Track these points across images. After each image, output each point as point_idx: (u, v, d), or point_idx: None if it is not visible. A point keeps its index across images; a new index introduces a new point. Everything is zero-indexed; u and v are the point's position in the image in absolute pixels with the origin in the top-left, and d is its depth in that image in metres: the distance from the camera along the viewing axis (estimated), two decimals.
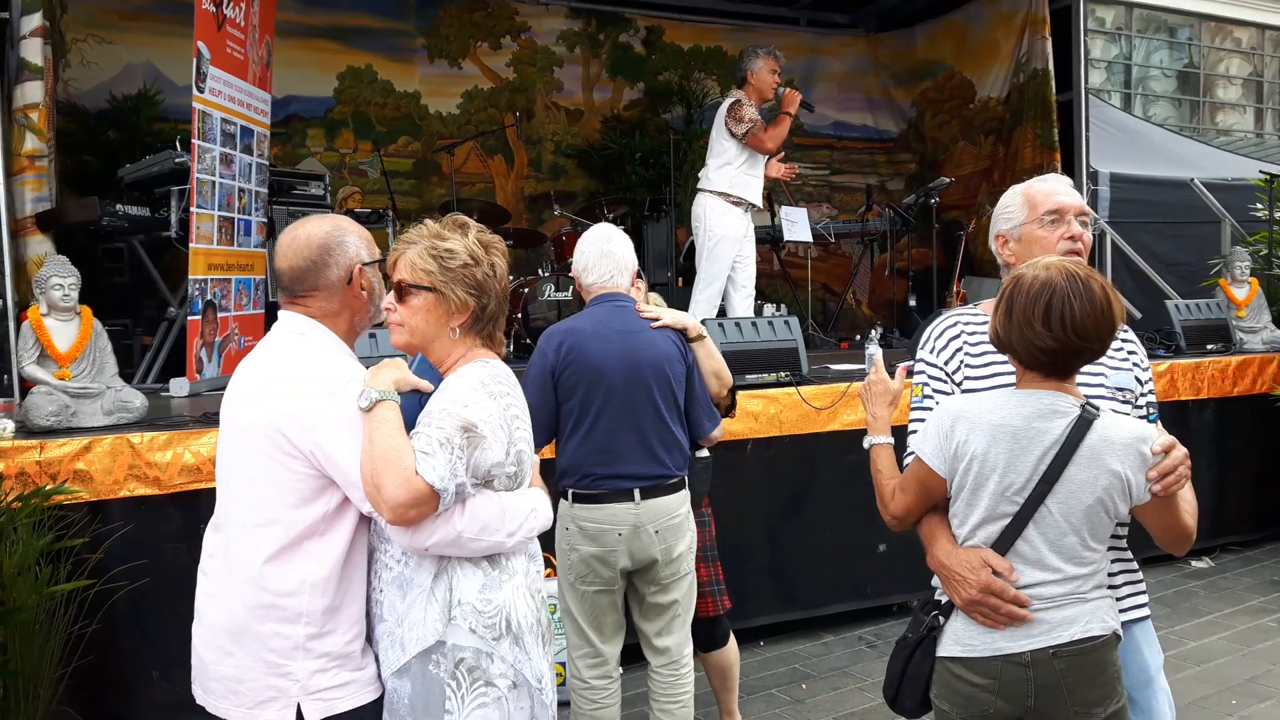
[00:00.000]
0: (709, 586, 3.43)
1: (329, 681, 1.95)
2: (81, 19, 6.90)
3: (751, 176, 6.02)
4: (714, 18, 9.43)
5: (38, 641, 3.22)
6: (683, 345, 3.16)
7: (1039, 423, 1.98)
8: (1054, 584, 2.01)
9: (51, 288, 3.80)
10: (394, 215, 7.16)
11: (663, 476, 3.05)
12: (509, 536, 1.96)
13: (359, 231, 2.16)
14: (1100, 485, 1.97)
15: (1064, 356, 1.98)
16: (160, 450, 3.61)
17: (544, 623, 2.05)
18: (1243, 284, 6.64)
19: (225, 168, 5.17)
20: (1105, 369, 2.21)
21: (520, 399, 2.07)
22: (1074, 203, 2.31)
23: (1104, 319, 1.96)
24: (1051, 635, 1.99)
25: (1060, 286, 1.94)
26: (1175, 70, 15.82)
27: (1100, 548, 2.03)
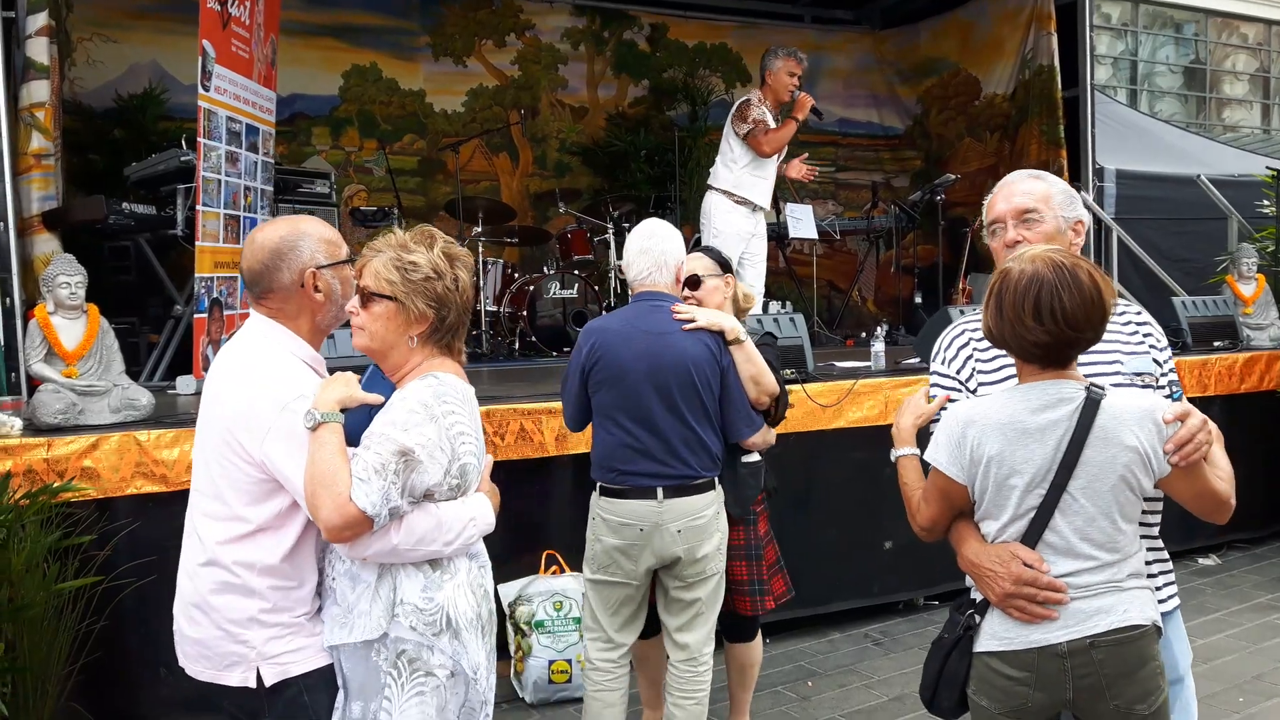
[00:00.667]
0: (748, 585, 3.36)
1: (284, 647, 2.10)
2: (87, 18, 6.91)
3: (757, 177, 5.99)
4: (719, 14, 9.42)
5: (46, 638, 3.23)
6: (717, 348, 3.11)
7: (1047, 413, 1.98)
8: (1087, 572, 1.99)
9: (58, 286, 3.80)
10: (399, 213, 7.17)
11: (687, 477, 3.07)
12: (446, 545, 2.06)
13: (319, 235, 2.22)
14: (1120, 463, 1.96)
15: (1058, 348, 1.98)
16: (167, 448, 3.62)
17: (485, 616, 2.16)
18: (1250, 280, 6.62)
19: (231, 166, 5.18)
20: (1121, 355, 2.20)
21: (468, 412, 2.13)
22: (1010, 207, 2.26)
23: (1094, 307, 1.95)
24: (1088, 624, 1.97)
25: (1048, 279, 1.94)
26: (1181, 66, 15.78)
27: (1130, 529, 2.01)
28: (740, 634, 3.50)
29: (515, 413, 4.18)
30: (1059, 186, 2.29)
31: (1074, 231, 2.28)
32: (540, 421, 4.20)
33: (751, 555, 3.36)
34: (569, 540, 4.07)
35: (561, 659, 4.10)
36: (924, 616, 5.03)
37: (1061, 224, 2.25)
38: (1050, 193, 2.27)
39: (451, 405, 2.07)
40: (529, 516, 4.31)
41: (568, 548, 4.19)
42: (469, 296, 2.18)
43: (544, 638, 4.11)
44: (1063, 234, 2.25)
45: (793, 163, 6.24)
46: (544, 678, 4.10)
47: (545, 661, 4.10)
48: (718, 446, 3.15)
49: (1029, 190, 2.27)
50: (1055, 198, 2.26)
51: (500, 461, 4.13)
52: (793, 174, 6.26)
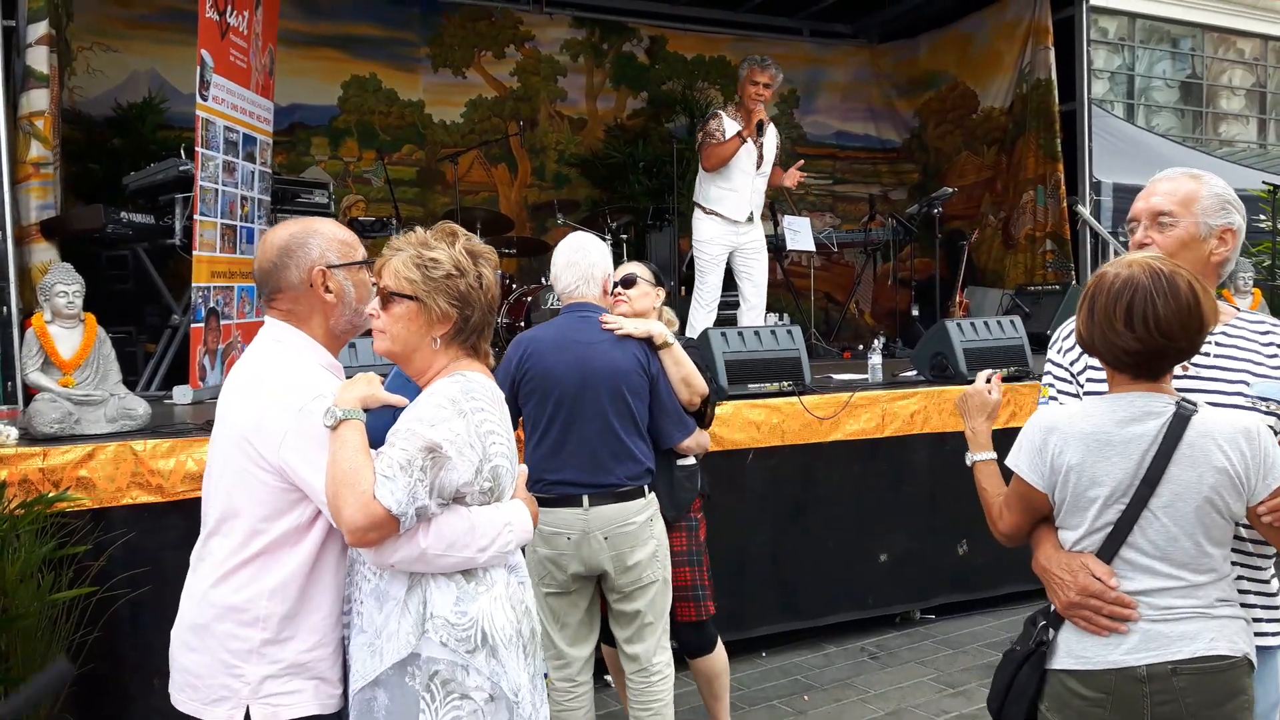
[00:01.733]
0: (691, 591, 3.39)
1: (278, 688, 1.97)
2: (87, 27, 6.92)
3: (725, 190, 6.00)
4: (717, 28, 9.45)
5: (39, 649, 3.22)
6: (646, 356, 3.18)
7: (1133, 426, 1.92)
8: (1170, 593, 1.92)
9: (56, 295, 3.81)
10: (398, 224, 7.18)
11: (612, 485, 3.10)
12: (480, 552, 1.93)
13: (332, 234, 2.13)
14: (1206, 484, 1.89)
15: (1149, 357, 1.91)
16: (163, 458, 3.61)
17: (526, 634, 2.01)
18: (1246, 294, 6.64)
19: (228, 175, 5.18)
20: (1250, 375, 2.08)
21: (499, 413, 2.02)
22: (1146, 206, 2.18)
23: (1190, 316, 1.88)
24: (1170, 650, 1.90)
25: (1143, 284, 1.88)
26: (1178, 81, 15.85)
27: (1218, 552, 1.94)
28: (696, 648, 3.47)
29: None
30: (1211, 190, 2.15)
31: (1219, 240, 2.13)
32: None
33: (694, 561, 3.41)
34: None
35: None
36: (920, 630, 5.01)
37: (1202, 230, 2.12)
38: (1197, 195, 2.14)
39: (480, 403, 1.96)
40: None
41: None
42: (494, 295, 2.06)
43: None
44: (1203, 241, 2.12)
45: (791, 170, 6.22)
46: None
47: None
48: (647, 455, 3.18)
49: (1170, 191, 2.16)
50: (1202, 201, 2.13)
51: None
52: (787, 182, 6.24)
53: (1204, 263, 2.12)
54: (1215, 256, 2.13)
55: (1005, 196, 8.33)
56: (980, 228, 8.46)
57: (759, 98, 5.92)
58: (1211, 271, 2.15)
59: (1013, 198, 8.22)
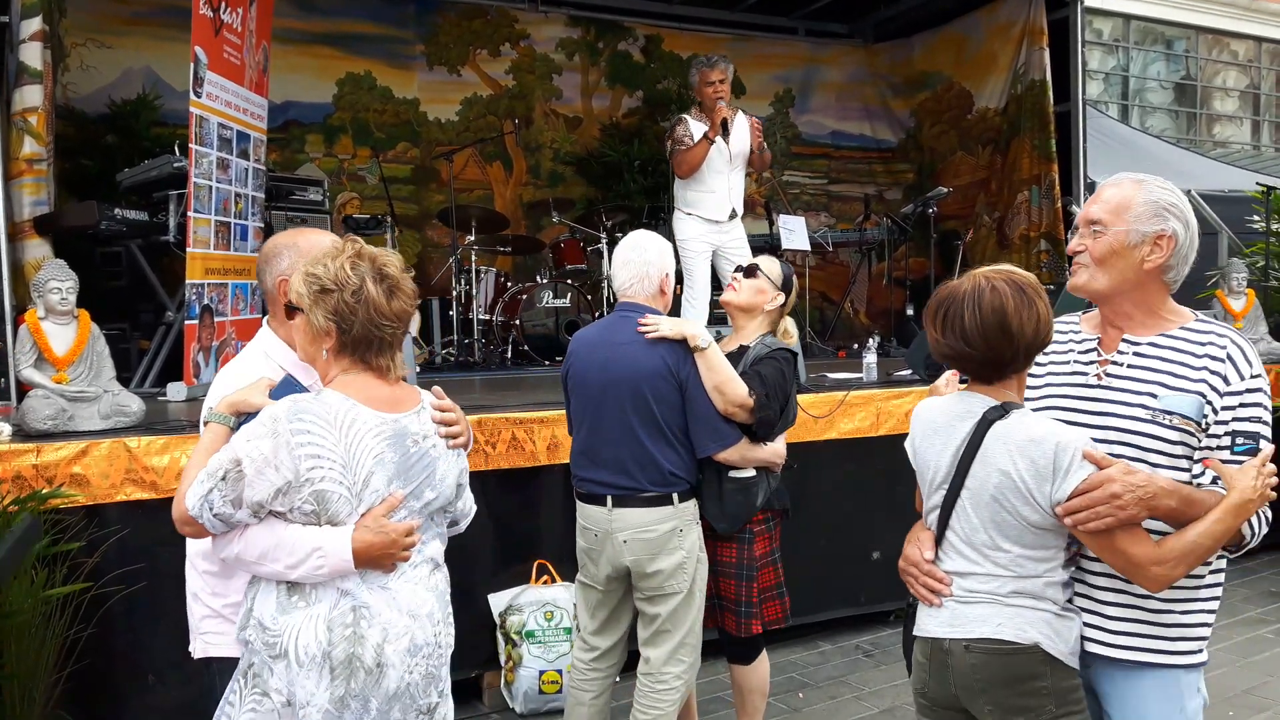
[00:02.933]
0: (734, 604, 3.23)
1: (212, 627, 2.29)
2: (80, 24, 6.90)
3: (700, 192, 5.98)
4: (713, 27, 9.45)
5: (33, 646, 3.21)
6: (675, 360, 3.06)
7: (956, 422, 2.11)
8: (973, 577, 2.08)
9: (49, 291, 3.79)
10: (392, 221, 7.17)
11: (634, 490, 3.06)
12: (289, 569, 1.98)
13: (308, 247, 2.21)
14: (992, 484, 2.03)
15: (966, 362, 2.08)
16: (157, 454, 3.60)
17: (340, 658, 1.97)
18: (1239, 295, 6.65)
19: (222, 172, 5.17)
20: (1161, 388, 2.07)
21: (333, 438, 1.97)
22: (1084, 214, 2.19)
23: (989, 328, 2.01)
24: (966, 628, 2.08)
25: (959, 295, 2.05)
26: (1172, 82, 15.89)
27: (1015, 549, 2.04)
28: (737, 655, 3.40)
29: (507, 422, 4.18)
30: (1148, 196, 2.11)
31: (1153, 246, 2.08)
32: (532, 431, 4.20)
33: (743, 575, 3.23)
34: (560, 550, 4.06)
35: (552, 669, 4.09)
36: None
37: (1132, 237, 2.08)
38: (1130, 203, 2.11)
39: (307, 425, 1.95)
40: (520, 526, 4.30)
41: (559, 557, 4.19)
42: (380, 309, 2.02)
43: (534, 648, 4.10)
44: (1133, 248, 2.09)
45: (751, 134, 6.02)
46: (534, 688, 4.09)
47: (536, 671, 4.09)
48: (676, 462, 3.09)
49: (1107, 199, 2.14)
50: (1135, 208, 2.10)
51: (491, 471, 4.15)
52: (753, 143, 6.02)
53: (1135, 268, 2.10)
54: (1148, 264, 2.09)
55: (1000, 197, 8.35)
56: (975, 228, 8.48)
57: (718, 95, 5.88)
58: (1148, 277, 2.11)
59: (1007, 198, 8.24)
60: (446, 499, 2.17)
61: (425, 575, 2.13)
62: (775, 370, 3.17)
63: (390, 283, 2.05)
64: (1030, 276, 2.11)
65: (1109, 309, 2.18)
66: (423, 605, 2.09)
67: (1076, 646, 2.08)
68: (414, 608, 2.07)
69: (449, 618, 2.18)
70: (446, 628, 2.16)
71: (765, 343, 3.25)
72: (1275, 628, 5.07)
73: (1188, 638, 2.09)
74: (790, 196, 9.55)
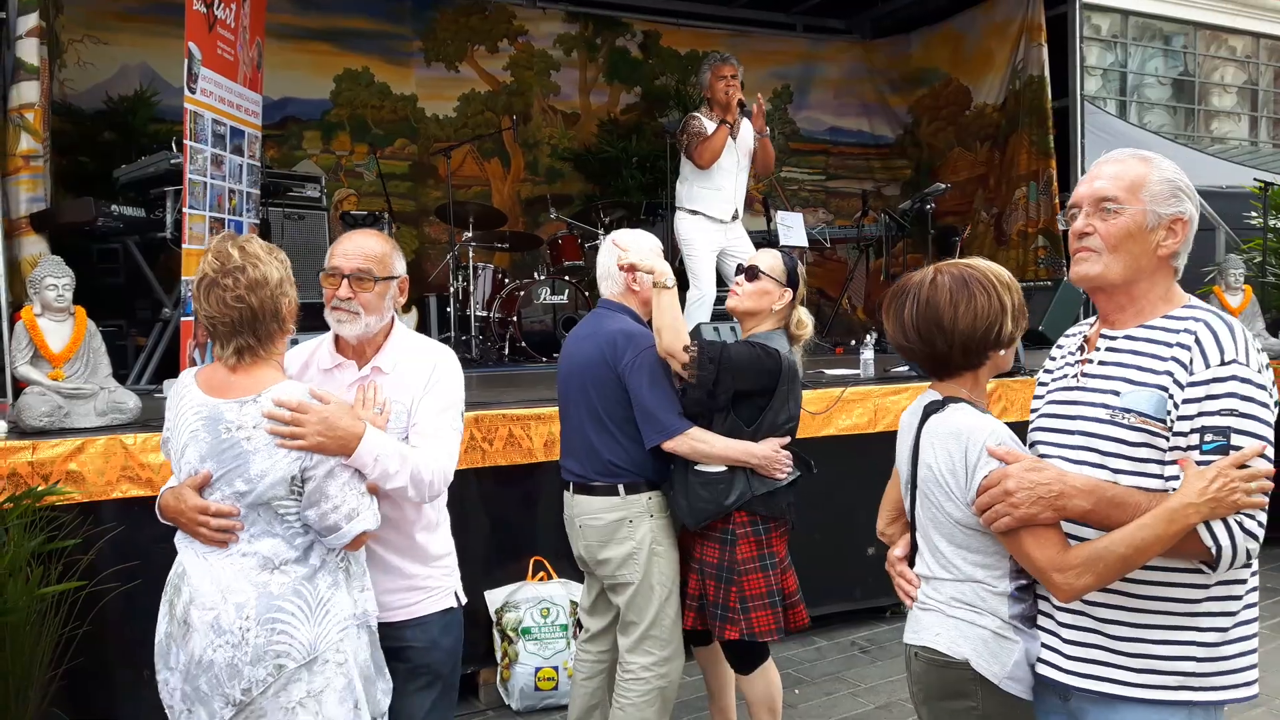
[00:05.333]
0: (715, 607, 3.13)
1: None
2: (77, 20, 6.89)
3: (707, 190, 5.97)
4: (711, 23, 9.44)
5: (28, 643, 3.21)
6: (614, 352, 3.08)
7: (911, 419, 2.12)
8: (931, 582, 2.05)
9: (46, 288, 3.78)
10: (390, 218, 7.16)
11: (584, 478, 3.18)
12: None
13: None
14: (923, 478, 2.03)
15: (907, 355, 2.08)
16: (153, 451, 3.60)
17: (168, 599, 2.32)
18: (1237, 291, 6.65)
19: (216, 168, 5.16)
20: (1125, 383, 1.86)
21: (171, 408, 2.31)
22: (1088, 191, 1.94)
23: (925, 321, 1.98)
24: (918, 635, 2.06)
25: (908, 288, 2.03)
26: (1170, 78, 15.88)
27: (949, 549, 1.98)
28: (732, 661, 3.32)
29: (504, 418, 4.18)
30: (1161, 174, 1.89)
31: (1169, 230, 1.87)
32: (529, 427, 4.20)
33: (722, 577, 3.11)
34: (556, 546, 4.06)
35: (548, 666, 4.09)
36: None
37: (1150, 219, 1.86)
38: (1146, 179, 1.88)
39: (167, 392, 2.43)
40: (517, 522, 4.30)
41: (555, 554, 4.18)
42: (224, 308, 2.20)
43: (530, 645, 4.10)
44: (1150, 231, 1.86)
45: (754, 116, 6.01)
46: (530, 685, 4.09)
47: (532, 669, 4.09)
48: (617, 453, 3.11)
49: (1117, 175, 1.90)
50: (1151, 186, 1.87)
51: (489, 467, 4.15)
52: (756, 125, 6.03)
53: (1150, 255, 1.88)
54: (1163, 249, 1.88)
55: (998, 193, 8.35)
56: (973, 224, 8.47)
57: (731, 89, 5.92)
58: (1160, 265, 1.89)
59: (1005, 194, 8.24)
60: (262, 495, 2.15)
61: (250, 567, 2.18)
62: (745, 352, 3.04)
63: (208, 281, 2.20)
64: (993, 270, 2.03)
65: (1107, 301, 1.94)
66: (235, 592, 2.16)
67: (1019, 672, 1.93)
68: (226, 589, 2.17)
69: (277, 630, 2.14)
70: (264, 631, 2.13)
71: (757, 335, 3.17)
72: (1272, 623, 5.07)
73: (1169, 671, 1.80)
74: (788, 193, 9.54)
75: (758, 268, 3.20)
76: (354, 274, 2.41)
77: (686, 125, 6.00)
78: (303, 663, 2.16)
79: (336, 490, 2.18)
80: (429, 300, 7.41)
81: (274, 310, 2.23)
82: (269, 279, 2.21)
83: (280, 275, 2.25)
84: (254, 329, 2.20)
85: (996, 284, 2.01)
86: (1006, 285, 2.02)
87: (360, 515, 2.21)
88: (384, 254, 2.48)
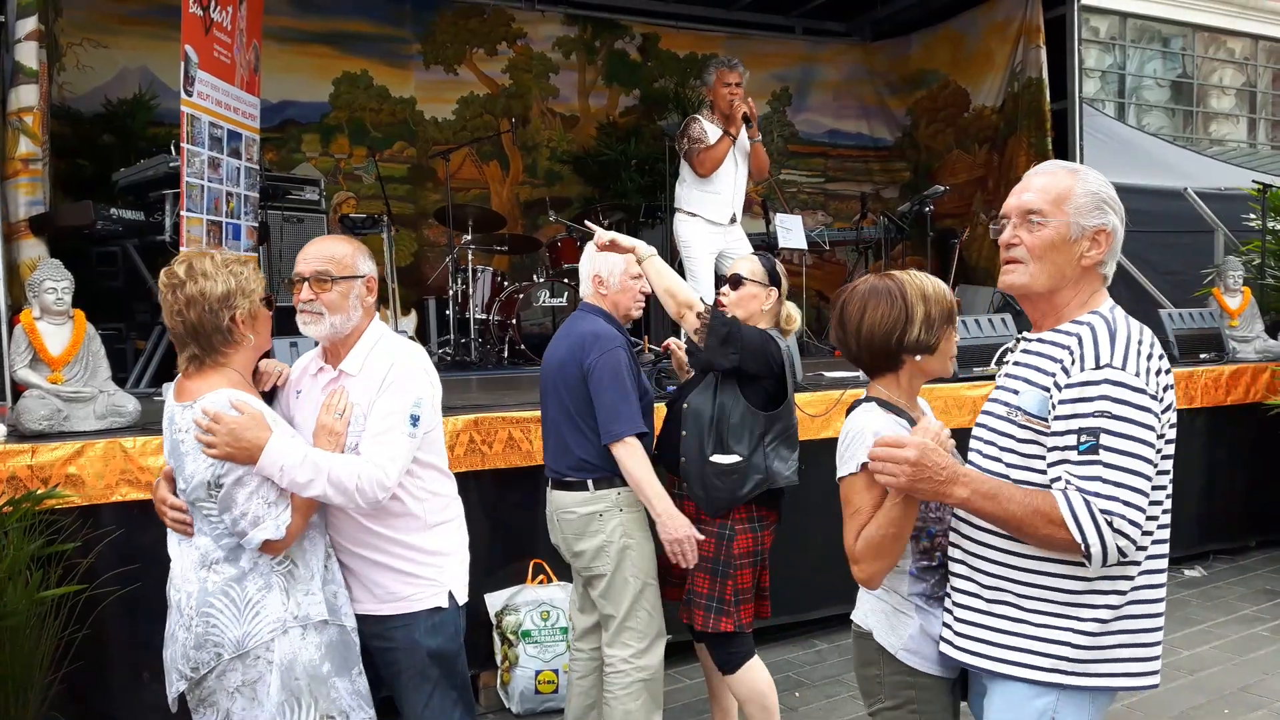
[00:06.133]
0: (705, 600, 3.16)
1: None
2: (76, 23, 6.90)
3: (706, 192, 5.98)
4: (710, 25, 9.45)
5: (27, 647, 3.20)
6: (581, 349, 3.18)
7: None
8: None
9: (45, 291, 3.78)
10: (389, 220, 7.16)
11: (558, 473, 3.28)
12: None
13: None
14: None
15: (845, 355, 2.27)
16: (153, 455, 3.60)
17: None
18: (1236, 293, 6.66)
19: (213, 171, 5.16)
20: (1024, 383, 1.96)
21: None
22: (1016, 203, 2.03)
23: (838, 324, 2.23)
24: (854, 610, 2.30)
25: (840, 294, 2.25)
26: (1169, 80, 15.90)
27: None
28: (716, 660, 3.31)
29: (504, 421, 4.17)
30: (1086, 187, 1.96)
31: (1092, 241, 1.95)
32: (529, 430, 4.19)
33: (718, 571, 3.15)
34: (556, 549, 4.05)
35: (548, 669, 4.09)
36: None
37: (1073, 231, 1.94)
38: (1070, 192, 1.95)
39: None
40: (517, 525, 4.29)
41: (555, 557, 4.16)
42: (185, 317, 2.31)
43: (530, 648, 4.09)
44: (1074, 243, 1.95)
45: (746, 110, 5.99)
46: (531, 688, 4.09)
47: (532, 672, 4.09)
48: (586, 449, 3.19)
49: (1043, 187, 1.98)
50: (1075, 199, 1.95)
51: (488, 470, 4.15)
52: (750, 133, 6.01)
53: (1074, 265, 1.95)
54: (1086, 260, 1.95)
55: (997, 195, 8.34)
56: (971, 226, 8.48)
57: (734, 96, 5.93)
58: (1084, 274, 1.97)
59: (1004, 196, 8.17)
60: (190, 495, 2.33)
61: (194, 560, 2.34)
62: (757, 333, 3.18)
63: (161, 295, 2.35)
64: (916, 282, 2.17)
65: (1033, 308, 2.04)
66: (187, 581, 2.35)
67: (914, 644, 2.10)
68: (183, 576, 2.37)
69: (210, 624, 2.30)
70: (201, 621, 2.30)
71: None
72: (1271, 625, 5.08)
73: (1045, 654, 1.90)
74: (787, 195, 9.54)
75: (740, 275, 3.33)
76: (313, 275, 2.49)
77: (687, 129, 6.00)
78: (235, 655, 2.30)
79: (244, 498, 2.28)
80: (428, 303, 7.41)
81: (214, 324, 2.32)
82: (208, 294, 2.30)
83: (228, 288, 2.33)
84: (197, 340, 2.33)
85: (909, 293, 2.15)
86: (924, 297, 2.16)
87: (263, 523, 2.28)
88: (344, 255, 2.54)
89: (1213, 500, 6.11)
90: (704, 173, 5.91)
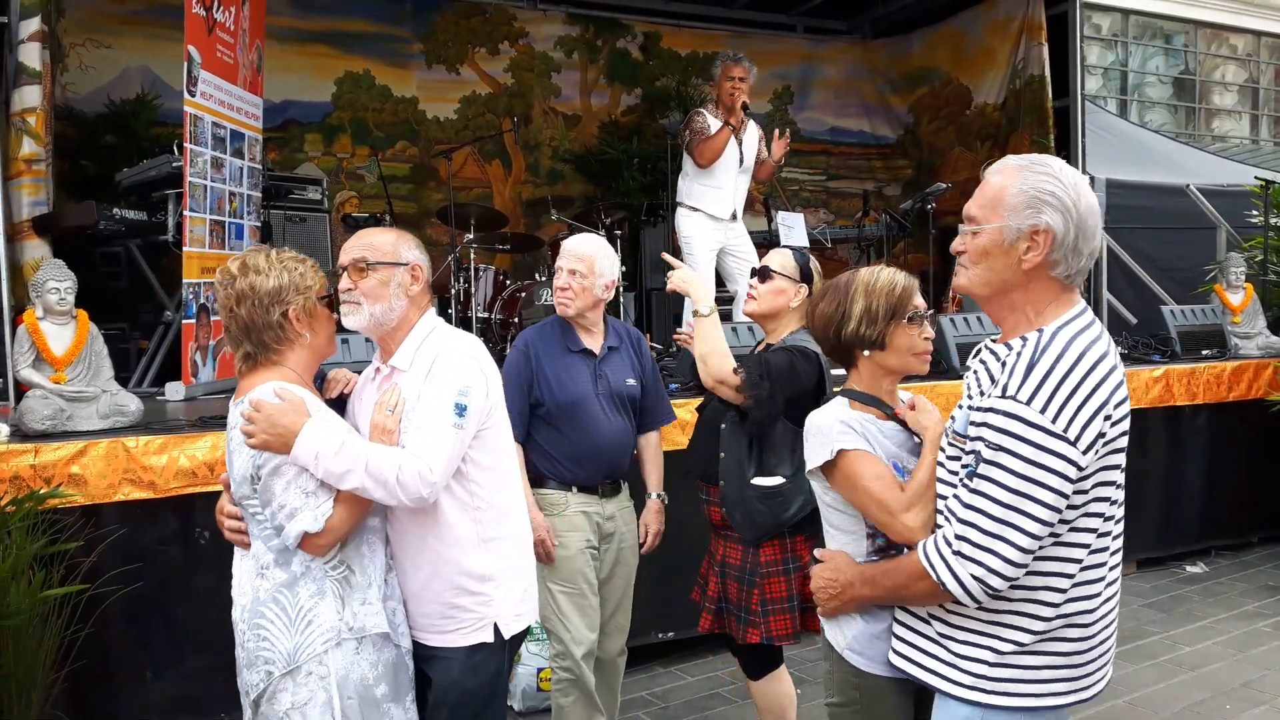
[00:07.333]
0: (736, 610, 3.07)
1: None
2: (79, 23, 6.91)
3: (707, 187, 5.99)
4: (711, 24, 9.45)
5: (30, 646, 3.21)
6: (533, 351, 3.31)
7: None
8: None
9: (48, 291, 3.79)
10: (391, 220, 7.17)
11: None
12: None
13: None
14: None
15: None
16: (155, 454, 3.61)
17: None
18: (1238, 289, 6.65)
19: (216, 171, 5.17)
20: (966, 398, 1.93)
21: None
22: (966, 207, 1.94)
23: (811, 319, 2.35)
24: None
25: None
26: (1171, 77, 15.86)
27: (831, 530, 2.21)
28: (743, 665, 3.27)
29: None
30: (1020, 185, 1.82)
31: (1030, 242, 1.81)
32: None
33: (745, 579, 3.05)
34: None
35: (550, 667, 4.09)
36: None
37: (1006, 234, 1.82)
38: (1004, 194, 1.83)
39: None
40: None
41: None
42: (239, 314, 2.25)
43: (533, 646, 4.10)
44: (1010, 245, 1.83)
45: (774, 145, 6.10)
46: (533, 685, 4.10)
47: (534, 670, 4.10)
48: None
49: (982, 191, 1.88)
50: (1008, 200, 1.82)
51: None
52: (775, 154, 6.12)
53: (1014, 269, 1.84)
54: (1026, 262, 1.82)
55: None
56: None
57: (736, 91, 5.94)
58: (1030, 277, 1.84)
59: None
60: (239, 492, 2.25)
61: (250, 570, 2.25)
62: (783, 358, 2.92)
63: (215, 293, 2.35)
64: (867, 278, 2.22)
65: (987, 311, 1.97)
66: (242, 593, 2.27)
67: (858, 645, 2.12)
68: (239, 589, 2.29)
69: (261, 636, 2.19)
70: (252, 635, 2.20)
71: (787, 339, 3.04)
72: (1272, 621, 5.07)
73: (965, 670, 1.88)
74: (789, 193, 9.55)
75: (769, 268, 3.12)
76: (351, 264, 2.37)
77: (690, 121, 6.02)
78: (285, 671, 2.16)
79: (281, 488, 2.16)
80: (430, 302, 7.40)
81: (266, 320, 2.22)
82: (258, 288, 2.22)
83: (280, 284, 2.23)
84: (250, 337, 2.24)
85: (853, 288, 2.18)
86: (869, 291, 2.18)
87: (300, 515, 2.14)
88: (384, 242, 2.40)
89: (1215, 496, 6.10)
90: (703, 163, 5.91)
